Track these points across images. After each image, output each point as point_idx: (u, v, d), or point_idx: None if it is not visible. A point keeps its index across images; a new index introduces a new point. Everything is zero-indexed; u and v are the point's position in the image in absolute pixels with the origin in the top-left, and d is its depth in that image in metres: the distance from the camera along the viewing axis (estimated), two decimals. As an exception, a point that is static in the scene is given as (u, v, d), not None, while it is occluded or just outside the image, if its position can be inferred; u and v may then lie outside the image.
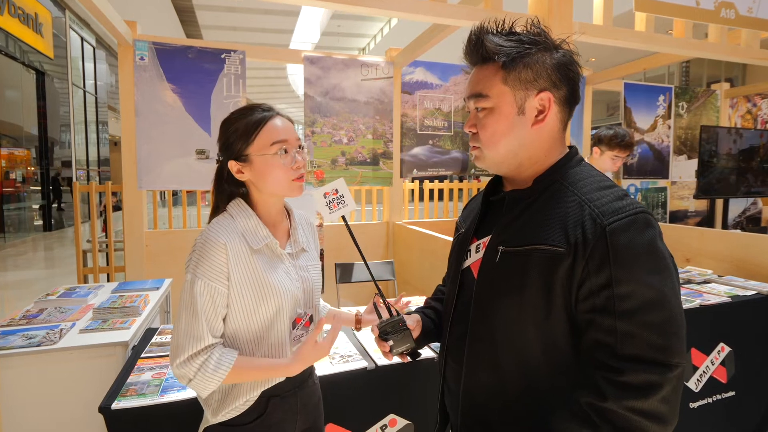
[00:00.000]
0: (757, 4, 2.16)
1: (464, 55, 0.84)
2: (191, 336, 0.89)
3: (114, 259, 3.22)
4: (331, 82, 3.29)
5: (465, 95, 0.86)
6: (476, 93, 0.81)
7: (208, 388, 0.89)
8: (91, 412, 1.50)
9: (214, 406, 0.97)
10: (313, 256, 1.10)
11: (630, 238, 0.70)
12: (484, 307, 0.82)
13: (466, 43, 0.83)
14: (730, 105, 4.67)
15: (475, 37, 0.80)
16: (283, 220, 1.08)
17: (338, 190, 1.04)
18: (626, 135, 2.10)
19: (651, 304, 0.68)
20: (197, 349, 0.88)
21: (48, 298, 2.00)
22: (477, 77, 0.82)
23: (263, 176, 0.97)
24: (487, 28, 0.80)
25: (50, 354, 1.51)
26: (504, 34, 0.80)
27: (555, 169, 0.82)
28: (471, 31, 0.82)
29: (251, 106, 1.00)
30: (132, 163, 2.85)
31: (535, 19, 0.82)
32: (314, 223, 1.19)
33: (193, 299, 0.90)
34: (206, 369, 0.88)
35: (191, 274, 0.92)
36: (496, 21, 0.81)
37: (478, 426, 0.84)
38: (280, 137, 0.97)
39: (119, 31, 2.57)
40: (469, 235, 0.92)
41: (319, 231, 2.77)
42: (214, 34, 18.33)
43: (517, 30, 0.80)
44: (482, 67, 0.81)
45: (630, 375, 0.67)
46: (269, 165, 0.96)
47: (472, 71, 0.85)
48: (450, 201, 4.30)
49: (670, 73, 10.25)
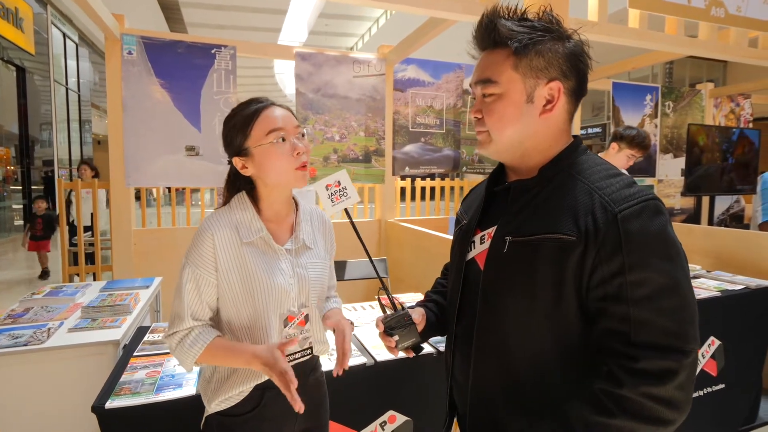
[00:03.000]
0: (745, 4, 2.19)
1: (474, 39, 0.83)
2: (176, 315, 0.96)
3: (100, 259, 3.14)
4: (323, 79, 3.26)
5: (472, 80, 0.84)
6: (485, 78, 0.80)
7: (187, 361, 0.95)
8: (81, 411, 1.45)
9: (209, 395, 1.00)
10: (318, 254, 1.07)
11: (642, 224, 0.69)
12: (492, 297, 0.81)
13: (477, 27, 0.81)
14: (714, 105, 4.76)
15: (488, 21, 0.79)
16: (289, 214, 1.06)
17: (340, 182, 1.02)
18: (646, 137, 2.17)
19: (664, 291, 0.68)
20: (178, 328, 0.96)
21: (34, 297, 1.94)
22: (486, 62, 0.81)
23: (264, 168, 0.96)
24: (500, 12, 0.79)
25: (38, 353, 1.46)
26: (517, 19, 0.78)
27: (561, 158, 0.81)
28: (483, 14, 0.80)
29: (248, 101, 1.00)
30: (119, 160, 2.78)
31: (548, 7, 0.81)
32: (329, 220, 1.15)
33: (180, 284, 0.96)
34: (183, 344, 0.95)
35: (184, 260, 0.97)
36: (508, 7, 0.80)
37: (486, 418, 0.83)
38: (276, 125, 0.96)
39: (107, 24, 2.51)
40: (472, 226, 0.91)
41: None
42: (201, 32, 18.12)
43: (529, 17, 0.79)
44: (492, 52, 0.80)
45: (646, 362, 0.67)
46: (268, 155, 0.95)
47: (480, 56, 0.83)
48: (441, 200, 4.30)
49: (654, 74, 10.42)
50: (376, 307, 2.02)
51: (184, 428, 1.22)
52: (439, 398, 1.54)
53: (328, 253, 1.11)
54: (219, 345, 0.94)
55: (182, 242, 3.18)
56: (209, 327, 0.98)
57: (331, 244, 1.14)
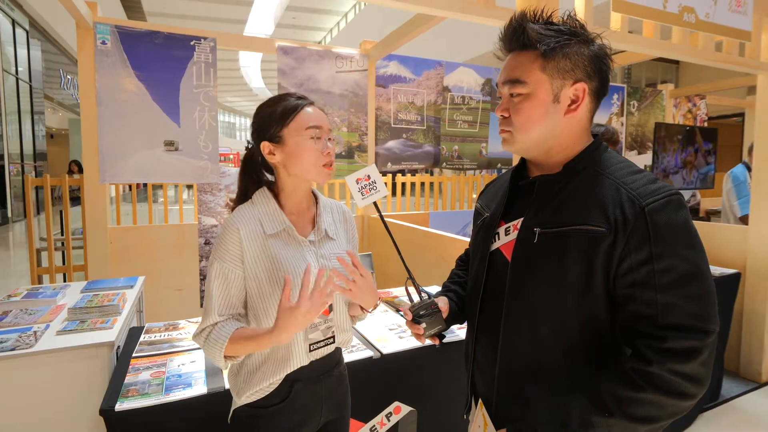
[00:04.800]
0: (713, 10, 2.34)
1: (501, 41, 0.86)
2: (205, 312, 0.98)
3: (72, 258, 3.00)
4: (305, 74, 3.23)
5: (499, 80, 0.88)
6: (513, 79, 0.83)
7: (216, 357, 0.95)
8: (77, 415, 1.41)
9: (238, 387, 1.01)
10: (340, 245, 1.09)
11: (668, 217, 0.75)
12: (521, 285, 0.85)
13: (505, 29, 0.84)
14: (674, 104, 5.03)
15: (517, 24, 0.82)
16: (310, 207, 1.09)
17: (370, 176, 1.03)
18: (615, 132, 2.31)
19: (689, 277, 0.74)
20: (206, 324, 0.97)
21: (11, 299, 1.84)
22: (514, 63, 0.84)
23: (295, 157, 0.99)
24: (528, 16, 0.82)
25: (27, 358, 1.39)
26: (544, 23, 0.82)
27: (584, 155, 0.86)
28: (512, 17, 0.83)
29: (288, 94, 1.03)
30: (94, 155, 2.66)
31: (573, 12, 0.85)
32: (350, 213, 1.18)
33: (209, 280, 0.98)
34: (209, 340, 0.96)
35: (212, 256, 0.99)
36: (535, 11, 0.83)
37: (516, 400, 0.87)
38: (315, 122, 1.00)
39: (79, 11, 2.39)
40: (496, 218, 0.94)
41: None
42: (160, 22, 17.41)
43: (554, 21, 0.83)
44: (520, 54, 0.83)
45: (672, 341, 0.72)
46: (302, 147, 0.98)
47: (506, 57, 0.86)
48: (422, 196, 4.35)
49: (614, 75, 10.90)
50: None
51: (196, 428, 1.20)
52: (443, 389, 1.58)
53: (350, 244, 1.13)
54: (241, 334, 0.95)
55: (161, 240, 3.08)
56: (231, 320, 0.98)
57: (353, 234, 1.16)
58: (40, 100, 11.40)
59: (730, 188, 3.41)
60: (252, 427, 1.00)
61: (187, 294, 3.09)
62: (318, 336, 1.03)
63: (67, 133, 15.79)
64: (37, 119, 11.09)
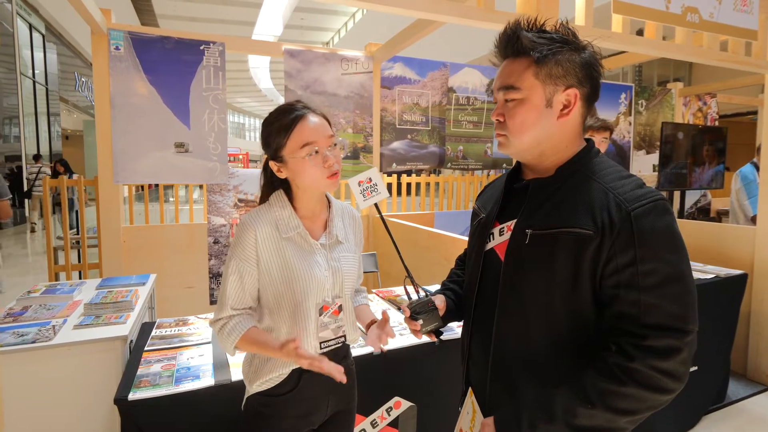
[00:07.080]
0: (717, 10, 2.35)
1: (496, 47, 0.90)
2: (220, 304, 1.05)
3: (87, 256, 3.09)
4: (311, 76, 3.28)
5: (494, 86, 0.92)
6: (508, 85, 0.87)
7: (227, 347, 1.04)
8: (92, 404, 1.48)
9: (250, 376, 1.09)
10: (349, 248, 1.14)
11: (652, 222, 0.78)
12: (513, 284, 0.89)
13: (500, 37, 0.88)
14: (684, 103, 4.99)
15: (511, 32, 0.86)
16: (323, 211, 1.13)
17: (372, 179, 1.08)
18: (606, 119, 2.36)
19: (671, 279, 0.77)
20: (222, 315, 1.04)
21: (30, 295, 1.92)
22: (509, 70, 0.88)
23: (298, 176, 1.04)
24: (522, 24, 0.86)
25: (47, 351, 1.47)
26: (537, 31, 0.86)
27: (576, 159, 0.89)
28: (506, 26, 0.88)
29: (288, 106, 1.05)
30: (108, 157, 2.74)
31: (565, 20, 0.89)
32: (358, 216, 1.23)
33: (225, 275, 1.05)
34: (223, 331, 1.03)
35: (229, 254, 1.06)
36: (528, 19, 0.87)
37: (505, 388, 0.92)
38: (309, 139, 1.01)
39: (94, 18, 2.47)
40: (491, 219, 0.98)
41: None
42: (171, 25, 17.65)
43: (547, 29, 0.87)
44: (514, 61, 0.87)
45: (653, 340, 0.76)
46: (301, 166, 1.02)
47: (501, 64, 0.91)
48: (427, 196, 4.39)
49: (624, 73, 10.78)
50: (375, 300, 2.08)
51: (204, 416, 1.26)
52: (441, 384, 1.62)
53: (358, 247, 1.18)
54: (251, 337, 1.02)
55: (172, 239, 3.17)
56: (246, 316, 1.05)
57: (360, 238, 1.21)
58: (56, 102, 11.64)
59: (739, 188, 3.39)
60: (263, 414, 1.07)
61: (197, 291, 3.17)
62: (329, 335, 1.09)
63: (82, 134, 16.08)
64: (52, 121, 11.33)
